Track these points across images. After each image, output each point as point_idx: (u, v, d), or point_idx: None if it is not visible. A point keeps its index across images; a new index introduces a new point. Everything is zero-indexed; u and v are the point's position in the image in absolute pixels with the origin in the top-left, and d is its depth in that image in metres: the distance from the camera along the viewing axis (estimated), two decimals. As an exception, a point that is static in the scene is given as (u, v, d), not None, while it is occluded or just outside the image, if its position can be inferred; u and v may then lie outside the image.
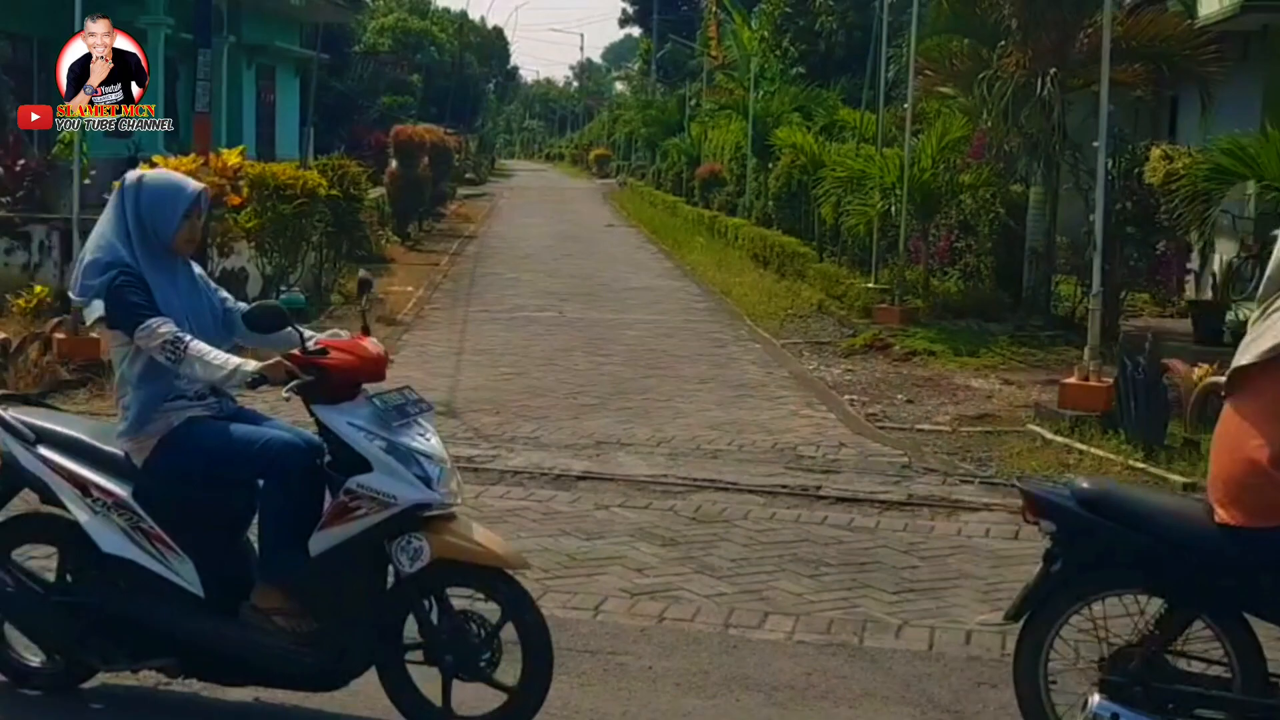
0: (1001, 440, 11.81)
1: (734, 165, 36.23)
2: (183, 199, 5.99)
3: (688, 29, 64.74)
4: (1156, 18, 18.36)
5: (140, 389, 5.84)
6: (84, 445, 5.97)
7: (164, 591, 5.81)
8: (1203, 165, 13.50)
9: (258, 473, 5.78)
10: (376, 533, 5.59)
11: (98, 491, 5.85)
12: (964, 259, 20.09)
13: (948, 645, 7.16)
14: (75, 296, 6.06)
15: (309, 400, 5.72)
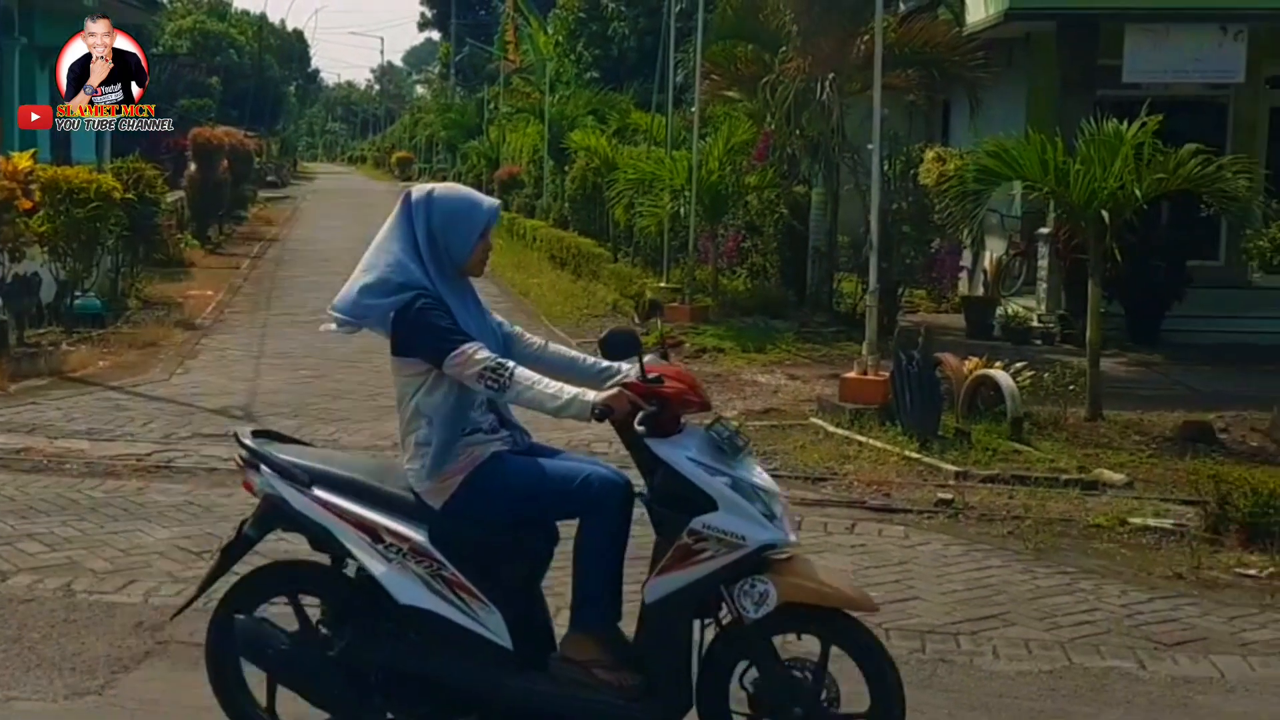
0: (786, 434, 12.02)
1: (532, 168, 36.27)
2: (479, 216, 5.39)
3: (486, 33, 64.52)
4: (928, 25, 18.83)
5: (440, 423, 5.19)
6: (364, 486, 5.32)
7: (467, 645, 5.17)
8: (971, 167, 13.88)
9: (573, 511, 5.22)
10: (719, 577, 5.06)
11: (390, 537, 5.19)
12: (751, 258, 20.39)
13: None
14: (344, 316, 5.31)
15: (638, 433, 5.13)
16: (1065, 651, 7.03)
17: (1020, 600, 7.81)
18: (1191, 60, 17.43)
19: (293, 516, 5.37)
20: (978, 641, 7.15)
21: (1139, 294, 16.71)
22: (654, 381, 5.14)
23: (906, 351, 11.78)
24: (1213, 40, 17.35)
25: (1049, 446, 11.29)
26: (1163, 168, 12.35)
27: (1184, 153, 12.43)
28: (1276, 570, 8.26)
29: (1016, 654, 7.01)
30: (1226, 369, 15.20)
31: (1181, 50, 17.39)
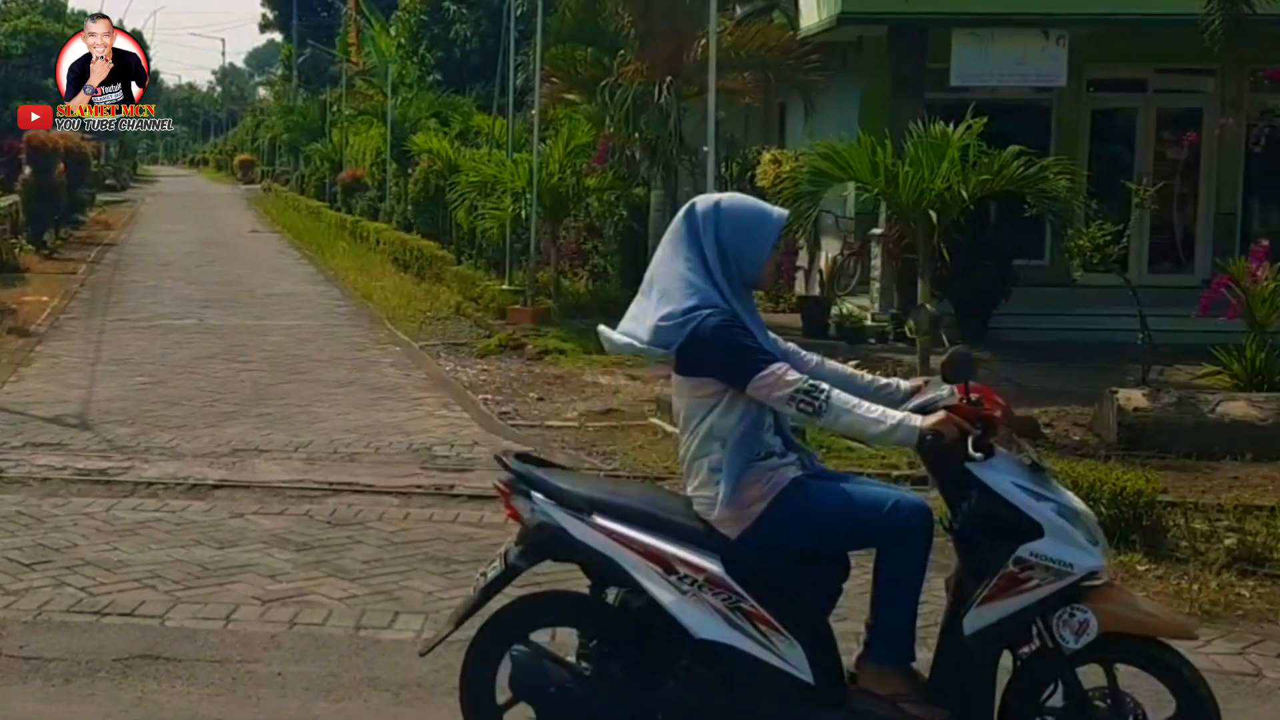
0: (625, 434, 12.05)
1: (375, 170, 35.95)
2: (769, 227, 5.08)
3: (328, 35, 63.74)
4: (763, 29, 18.99)
5: (735, 446, 4.91)
6: (646, 514, 5.03)
7: (767, 680, 4.92)
8: (804, 169, 14.01)
9: (877, 540, 4.97)
10: (1041, 606, 4.85)
11: (684, 568, 4.91)
12: (592, 260, 20.43)
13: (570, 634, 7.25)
14: (650, 346, 5.00)
15: (954, 458, 4.86)
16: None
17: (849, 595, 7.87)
18: (1016, 64, 17.79)
19: (572, 546, 5.07)
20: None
21: (968, 292, 17.01)
22: (975, 403, 4.92)
23: (743, 351, 11.81)
24: (1036, 45, 17.72)
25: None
26: (987, 169, 12.56)
27: (1007, 154, 12.66)
28: (1096, 559, 8.42)
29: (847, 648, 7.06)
30: (1051, 365, 15.50)
31: (1006, 55, 17.74)
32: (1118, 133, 20.24)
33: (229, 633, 7.19)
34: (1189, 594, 7.81)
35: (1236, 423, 11.06)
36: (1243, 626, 7.45)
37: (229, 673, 6.66)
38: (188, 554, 8.54)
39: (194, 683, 6.40)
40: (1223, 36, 13.58)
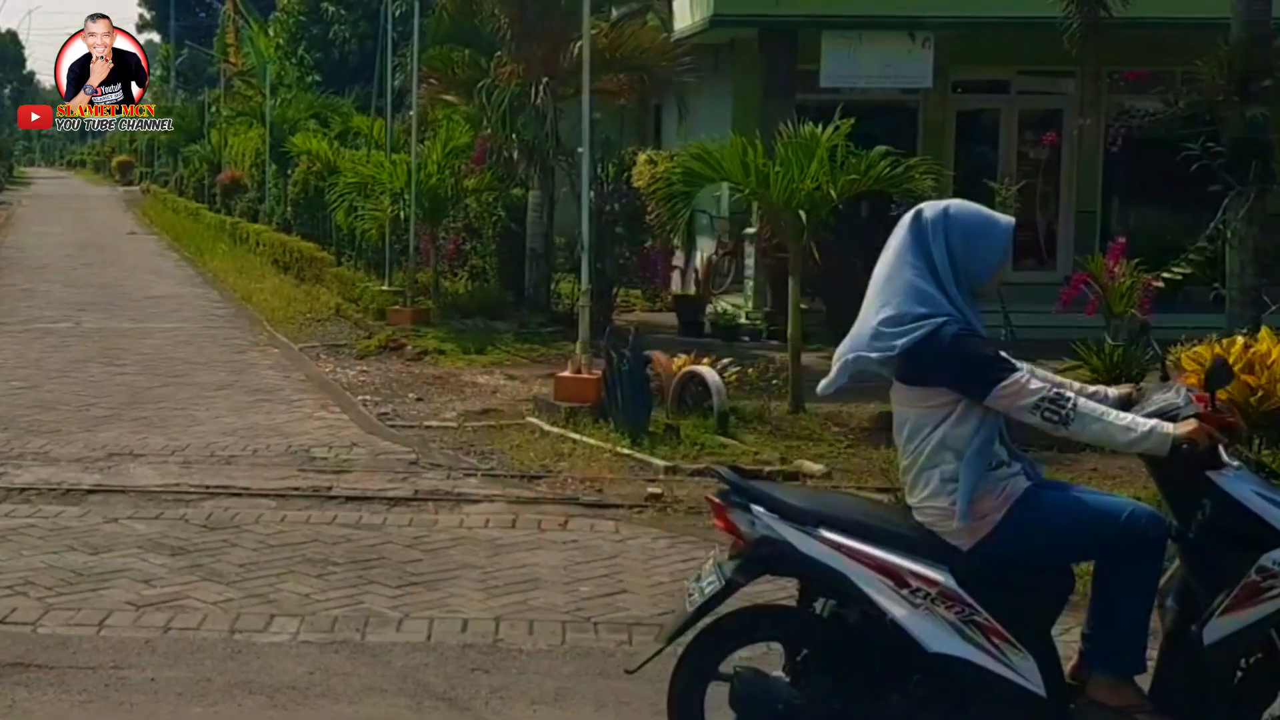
0: (504, 434, 12.02)
1: (255, 171, 35.53)
2: (998, 235, 4.94)
3: (206, 35, 62.93)
4: (637, 30, 19.02)
5: (971, 457, 4.78)
6: (870, 527, 4.93)
7: (1000, 694, 4.81)
8: (677, 169, 14.07)
9: (1113, 548, 4.81)
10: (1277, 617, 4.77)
11: (915, 581, 4.80)
12: (471, 261, 20.36)
13: (445, 634, 7.24)
14: (862, 354, 4.95)
15: (1191, 466, 4.74)
16: (764, 638, 7.17)
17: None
18: (884, 66, 18.00)
19: (797, 560, 4.94)
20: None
21: (838, 290, 17.13)
22: (1220, 410, 4.85)
23: (618, 350, 11.88)
24: (903, 47, 17.95)
25: (754, 439, 11.53)
26: (855, 169, 12.71)
27: (874, 155, 12.81)
28: (961, 551, 8.54)
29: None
30: (919, 360, 15.69)
31: (874, 57, 17.95)
32: (983, 133, 20.56)
33: (102, 639, 7.09)
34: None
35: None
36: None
37: (101, 679, 6.56)
38: (61, 560, 8.39)
39: (66, 690, 6.31)
40: (1080, 39, 13.86)
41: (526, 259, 18.70)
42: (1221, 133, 11.84)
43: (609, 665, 6.78)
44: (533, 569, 8.30)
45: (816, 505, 5.06)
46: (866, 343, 4.93)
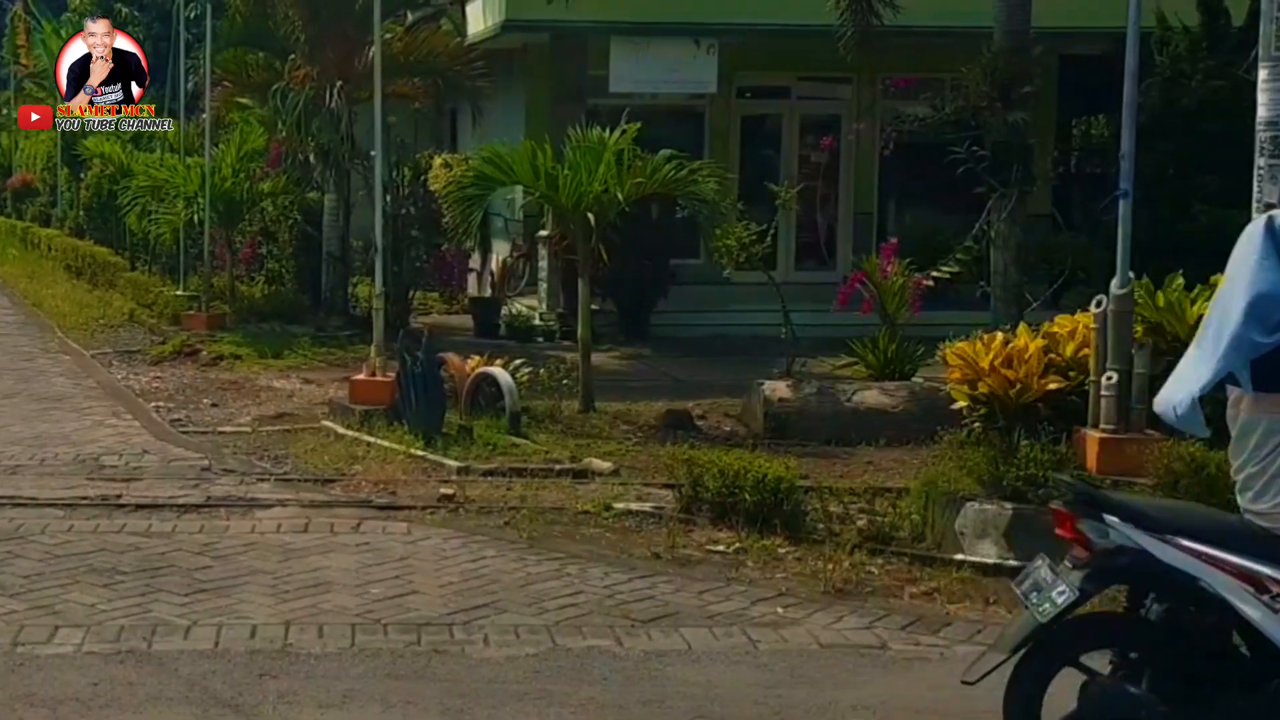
0: (298, 438, 11.88)
1: (46, 175, 34.51)
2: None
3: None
4: (431, 35, 18.95)
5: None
6: (1225, 534, 4.79)
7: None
8: (468, 172, 14.05)
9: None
10: None
11: (1277, 587, 4.67)
12: (268, 264, 20.07)
13: (233, 641, 7.13)
14: (1224, 358, 4.74)
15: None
16: (551, 634, 7.20)
17: (512, 588, 7.97)
18: (670, 72, 18.19)
19: (1152, 568, 4.81)
20: (470, 630, 7.25)
21: (628, 291, 17.34)
22: None
23: (411, 352, 11.82)
24: (689, 53, 18.15)
25: (545, 439, 11.57)
26: (641, 172, 12.82)
27: (660, 158, 12.95)
28: (742, 545, 8.70)
29: (506, 640, 7.14)
30: (707, 359, 15.93)
31: (661, 62, 18.13)
32: (766, 137, 20.86)
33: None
34: (824, 573, 8.13)
35: (871, 410, 11.56)
36: (871, 602, 7.80)
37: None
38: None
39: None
40: (855, 46, 14.20)
41: (323, 262, 18.49)
42: (985, 137, 12.23)
43: (398, 666, 6.77)
44: (324, 572, 8.23)
45: (1169, 513, 4.99)
46: (1239, 344, 4.75)
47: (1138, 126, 9.49)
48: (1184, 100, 14.21)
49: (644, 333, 17.48)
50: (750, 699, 6.40)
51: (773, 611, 7.59)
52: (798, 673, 6.77)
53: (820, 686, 6.58)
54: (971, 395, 8.99)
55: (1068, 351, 8.86)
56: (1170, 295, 8.85)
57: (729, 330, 17.23)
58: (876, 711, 6.31)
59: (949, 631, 7.34)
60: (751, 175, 18.45)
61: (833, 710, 6.32)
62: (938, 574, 8.16)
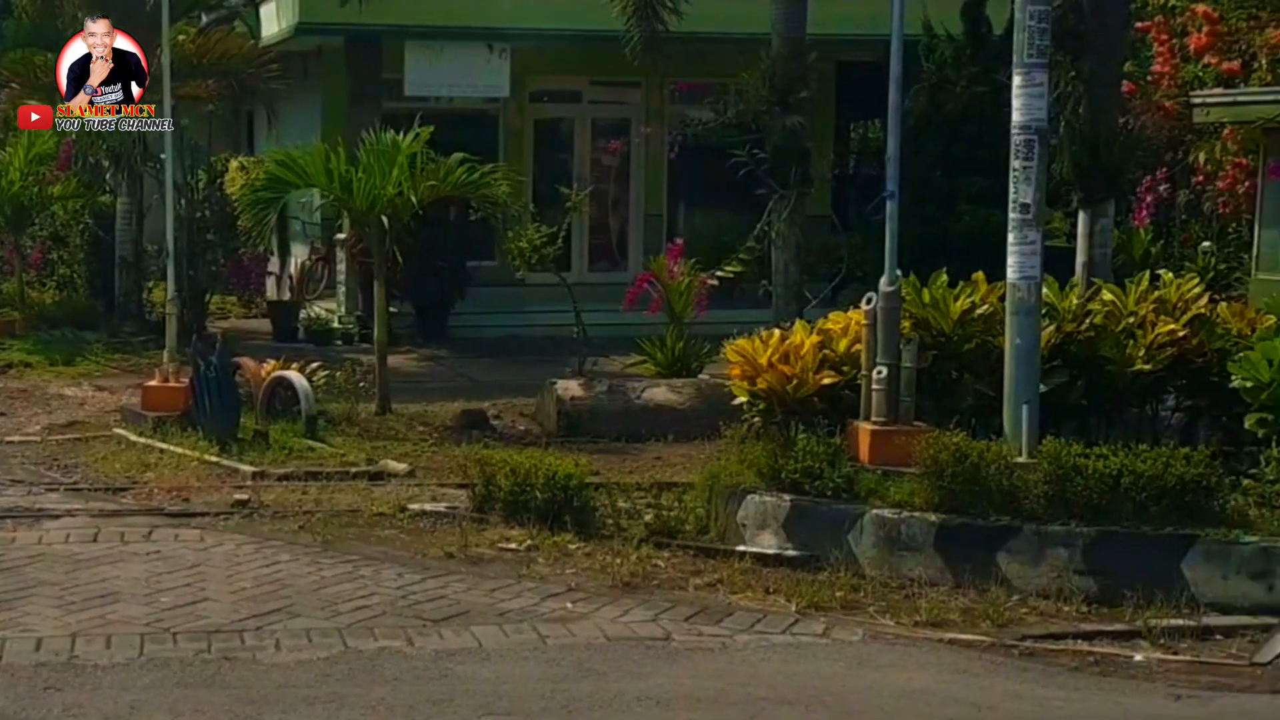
0: (89, 446, 11.59)
1: None
2: None
3: None
4: (224, 37, 18.59)
5: None
6: None
7: None
8: (260, 176, 13.85)
9: None
10: None
11: None
12: (59, 270, 19.49)
13: (17, 655, 6.92)
14: None
15: None
16: (342, 637, 7.14)
17: (305, 592, 7.89)
18: (464, 76, 18.15)
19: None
20: (261, 636, 7.16)
21: (426, 294, 17.25)
22: None
23: (204, 357, 11.62)
24: (482, 58, 18.13)
25: (342, 442, 11.47)
26: (435, 175, 12.79)
27: (452, 161, 12.93)
28: (533, 543, 8.74)
29: (298, 644, 7.06)
30: (503, 360, 15.93)
31: (455, 66, 18.07)
32: (560, 141, 20.92)
33: None
34: (612, 568, 8.23)
35: (660, 407, 11.71)
36: (658, 594, 7.90)
37: None
38: None
39: None
40: (641, 51, 14.33)
41: (116, 267, 18.03)
42: (765, 140, 12.45)
43: (187, 674, 6.66)
44: (113, 582, 8.03)
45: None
46: None
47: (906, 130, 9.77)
48: (949, 105, 14.71)
49: (442, 334, 17.41)
50: (537, 694, 6.44)
51: (562, 607, 7.64)
52: (585, 666, 6.83)
53: (606, 679, 6.64)
54: (751, 391, 9.13)
55: (841, 347, 9.05)
56: (935, 292, 9.10)
57: (525, 331, 17.26)
58: (660, 702, 6.39)
59: (730, 621, 7.47)
60: (545, 178, 18.52)
61: (618, 702, 6.38)
62: (721, 565, 8.31)
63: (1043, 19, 8.59)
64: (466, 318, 17.62)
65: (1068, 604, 7.58)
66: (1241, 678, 6.80)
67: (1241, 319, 9.33)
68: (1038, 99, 8.55)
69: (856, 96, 18.96)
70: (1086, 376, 8.94)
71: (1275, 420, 8.22)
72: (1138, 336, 8.96)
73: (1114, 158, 11.37)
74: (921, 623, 7.44)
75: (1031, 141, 8.52)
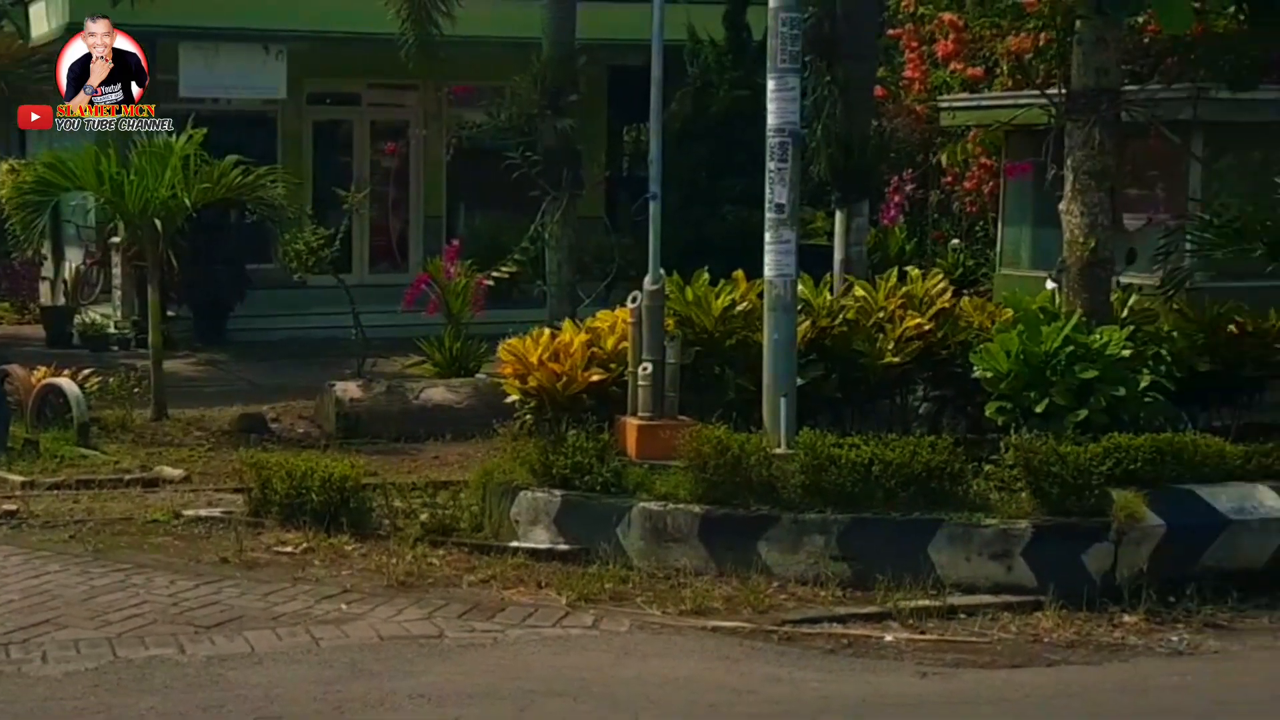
0: None
1: None
2: None
3: None
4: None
5: None
6: None
7: None
8: (28, 178, 13.38)
9: None
10: None
11: None
12: None
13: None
14: None
15: None
16: (112, 646, 6.96)
17: (74, 602, 7.66)
18: (240, 77, 17.73)
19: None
20: (28, 649, 6.93)
21: (204, 297, 16.85)
22: None
23: (-28, 366, 11.20)
24: (258, 59, 17.73)
25: (116, 449, 11.16)
26: (209, 177, 12.52)
27: (226, 163, 12.66)
28: (309, 545, 8.63)
29: (66, 656, 6.86)
30: (283, 363, 15.62)
31: (230, 68, 17.64)
32: (339, 143, 20.61)
33: None
34: (388, 568, 8.17)
35: (438, 407, 11.66)
36: (432, 593, 7.88)
37: None
38: None
39: None
40: (417, 54, 14.23)
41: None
42: (538, 143, 12.48)
43: (-50, 693, 6.42)
44: None
45: None
46: None
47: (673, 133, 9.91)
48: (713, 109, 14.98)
49: (221, 338, 17.03)
50: (310, 696, 6.38)
51: (337, 609, 7.56)
52: (358, 667, 6.78)
53: (379, 678, 6.61)
54: (523, 389, 9.16)
55: (609, 345, 9.14)
56: (697, 290, 9.26)
57: (306, 333, 16.94)
58: (432, 699, 6.38)
59: (503, 616, 7.49)
60: (325, 180, 18.19)
61: (390, 701, 6.36)
62: (495, 562, 8.32)
63: (794, 25, 8.81)
64: (246, 321, 17.26)
65: (824, 589, 7.78)
66: (983, 654, 7.09)
67: (983, 312, 9.71)
68: (791, 103, 8.75)
69: (628, 100, 19.03)
70: (840, 369, 9.19)
71: (1013, 408, 8.57)
72: (887, 331, 9.26)
73: (866, 159, 11.69)
74: (686, 611, 7.57)
75: (786, 144, 8.71)
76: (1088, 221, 9.00)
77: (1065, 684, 6.75)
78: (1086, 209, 9.02)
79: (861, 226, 12.05)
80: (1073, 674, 6.87)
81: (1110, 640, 7.28)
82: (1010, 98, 12.38)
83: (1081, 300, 8.97)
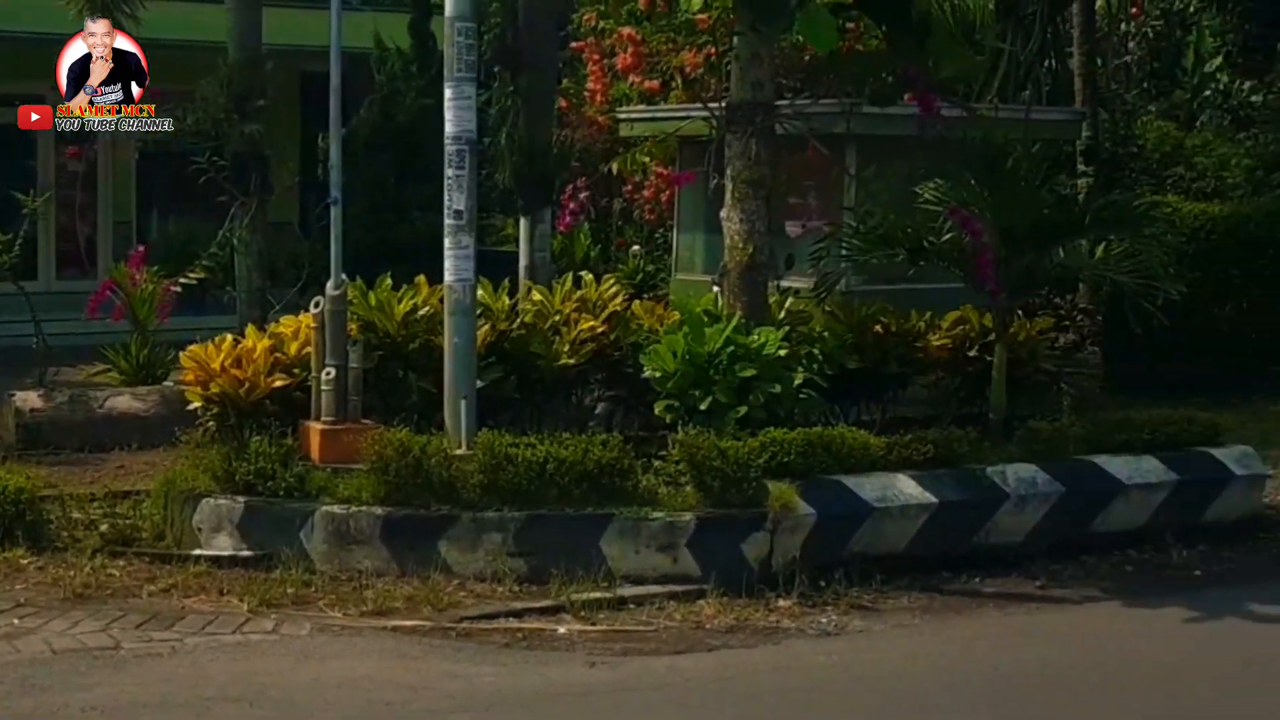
0: None
1: None
2: None
3: None
4: None
5: None
6: None
7: None
8: None
9: None
10: None
11: None
12: None
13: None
14: None
15: None
16: None
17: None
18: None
19: None
20: None
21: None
22: None
23: None
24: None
25: None
26: None
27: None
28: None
29: None
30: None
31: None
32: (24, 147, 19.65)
33: None
34: (65, 580, 7.93)
35: (124, 415, 11.28)
36: (111, 604, 7.68)
37: None
38: None
39: None
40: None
41: None
42: (225, 148, 12.22)
43: None
44: None
45: None
46: None
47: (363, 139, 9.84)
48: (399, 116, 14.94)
49: None
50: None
51: (9, 623, 7.33)
52: (29, 682, 6.56)
53: (51, 692, 6.42)
54: (205, 395, 9.00)
55: (292, 350, 9.05)
56: (380, 295, 9.25)
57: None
58: (104, 711, 6.24)
59: (182, 625, 7.37)
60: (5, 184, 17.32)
61: (62, 714, 6.20)
62: (176, 571, 8.15)
63: (469, 35, 8.89)
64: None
65: (502, 585, 7.88)
66: (649, 642, 7.30)
67: (653, 315, 9.97)
68: (468, 111, 8.84)
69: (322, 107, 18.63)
70: (519, 371, 9.33)
71: (680, 406, 8.84)
72: (563, 333, 9.44)
73: (548, 167, 11.84)
74: (368, 612, 7.57)
75: (463, 151, 8.79)
76: (746, 228, 9.34)
77: (724, 667, 7.01)
78: (745, 216, 9.34)
79: (545, 233, 12.20)
80: (731, 658, 7.14)
81: (766, 624, 7.59)
82: (681, 110, 12.68)
83: (741, 303, 9.30)
